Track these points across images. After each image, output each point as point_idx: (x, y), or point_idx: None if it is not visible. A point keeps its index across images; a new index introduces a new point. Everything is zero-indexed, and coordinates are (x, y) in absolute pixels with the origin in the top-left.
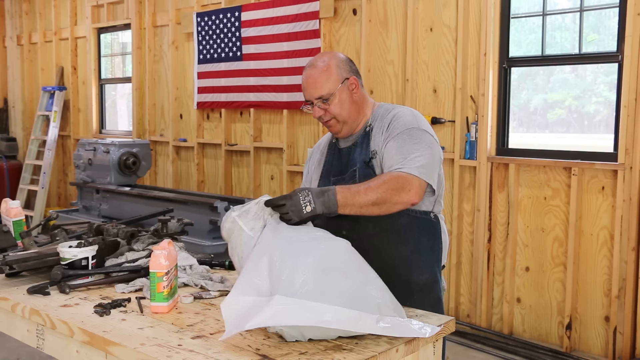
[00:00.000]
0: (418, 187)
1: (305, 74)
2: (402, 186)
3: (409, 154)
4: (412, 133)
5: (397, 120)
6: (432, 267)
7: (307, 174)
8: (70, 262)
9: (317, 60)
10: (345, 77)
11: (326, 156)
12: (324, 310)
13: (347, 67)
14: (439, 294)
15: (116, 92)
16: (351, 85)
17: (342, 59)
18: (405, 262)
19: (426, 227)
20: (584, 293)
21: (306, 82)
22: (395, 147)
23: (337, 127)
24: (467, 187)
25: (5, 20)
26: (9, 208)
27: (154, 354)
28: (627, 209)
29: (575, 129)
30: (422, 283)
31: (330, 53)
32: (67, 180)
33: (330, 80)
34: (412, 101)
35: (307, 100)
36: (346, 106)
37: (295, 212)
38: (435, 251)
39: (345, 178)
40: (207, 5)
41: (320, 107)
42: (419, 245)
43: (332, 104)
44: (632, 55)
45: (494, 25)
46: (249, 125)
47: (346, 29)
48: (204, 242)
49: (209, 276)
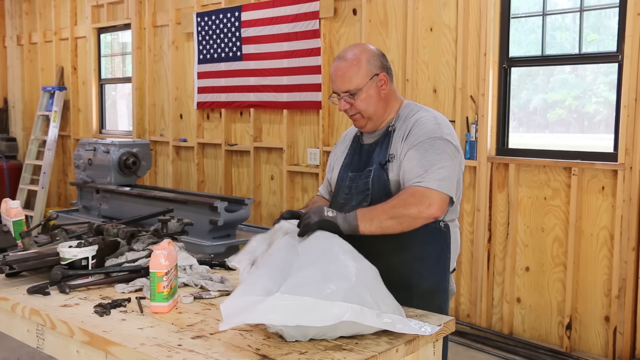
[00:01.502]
0: (440, 202)
1: (335, 66)
2: (421, 201)
3: (430, 166)
4: (434, 143)
5: (419, 127)
6: (437, 276)
7: (330, 163)
8: (70, 262)
9: (348, 53)
10: (375, 73)
11: (349, 149)
12: (327, 305)
13: (378, 62)
14: (443, 303)
15: (116, 92)
16: (380, 82)
17: (373, 54)
18: (406, 269)
19: (433, 236)
20: (584, 293)
21: (335, 74)
22: (416, 158)
23: (362, 122)
24: (467, 187)
25: (5, 20)
26: (9, 208)
27: (154, 354)
28: (627, 209)
29: (575, 129)
30: (423, 291)
31: (362, 46)
32: (67, 180)
33: (359, 75)
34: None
35: (334, 91)
36: (373, 102)
37: (316, 214)
38: (442, 260)
39: (362, 176)
40: (207, 5)
41: (346, 101)
42: (423, 253)
43: (359, 100)
44: (632, 55)
45: (494, 25)
46: (249, 125)
47: (346, 29)
48: (204, 242)
49: (209, 276)
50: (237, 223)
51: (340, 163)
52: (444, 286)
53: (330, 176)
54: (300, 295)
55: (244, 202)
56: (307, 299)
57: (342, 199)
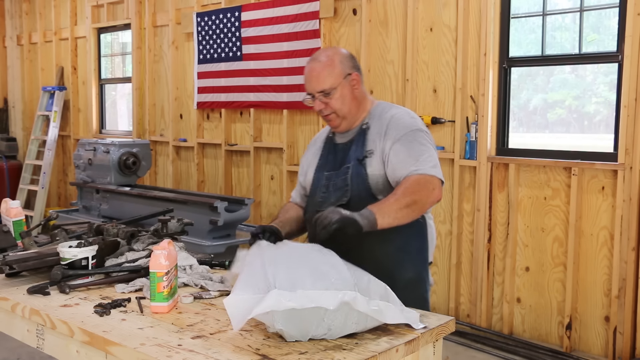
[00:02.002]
0: (439, 185)
1: (309, 67)
2: (425, 186)
3: (419, 156)
4: (416, 135)
5: (397, 121)
6: (418, 267)
7: (302, 167)
8: (70, 262)
9: (321, 55)
10: (348, 73)
11: (322, 150)
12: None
13: (350, 62)
14: (424, 293)
15: (116, 92)
16: (353, 81)
17: (345, 55)
18: (389, 260)
19: (414, 228)
20: (584, 293)
21: (309, 75)
22: (404, 150)
23: (337, 121)
24: (467, 187)
25: (5, 20)
26: (9, 208)
27: (154, 354)
28: (627, 209)
29: (575, 129)
30: (406, 281)
31: (334, 48)
32: (67, 180)
33: (333, 75)
34: (412, 101)
35: (308, 92)
36: (347, 101)
37: (334, 212)
38: (423, 251)
39: (339, 174)
40: (207, 5)
41: (321, 101)
42: (405, 245)
43: (334, 99)
44: (632, 55)
45: (494, 25)
46: (249, 125)
47: (346, 29)
48: (204, 242)
49: (209, 276)
50: (237, 223)
51: (314, 165)
52: (424, 276)
53: (304, 179)
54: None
55: (244, 202)
56: (307, 291)
57: (320, 197)
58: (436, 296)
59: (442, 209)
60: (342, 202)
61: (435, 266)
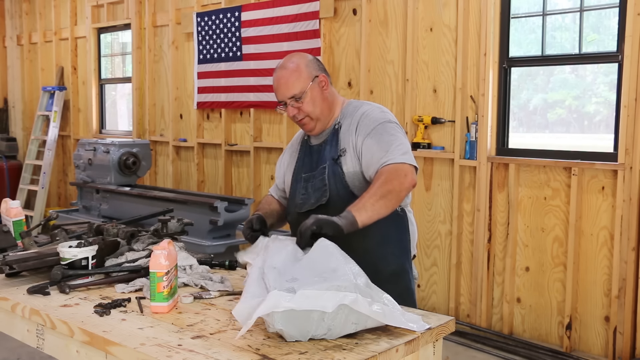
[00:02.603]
0: (411, 171)
1: (276, 76)
2: (397, 174)
3: (389, 146)
4: (386, 126)
5: (367, 117)
6: (400, 259)
7: (279, 170)
8: (70, 262)
9: (287, 62)
10: (315, 75)
11: (298, 153)
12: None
13: (315, 65)
14: (408, 284)
15: (116, 92)
16: (321, 83)
17: (310, 59)
18: (371, 254)
19: (393, 221)
20: (584, 293)
21: (277, 83)
22: (374, 143)
23: (311, 124)
24: (467, 187)
25: (5, 20)
26: (9, 208)
27: (154, 354)
28: (627, 209)
29: (575, 129)
30: (390, 274)
31: (298, 54)
32: (67, 180)
33: (301, 79)
34: (412, 101)
35: (280, 101)
36: (318, 103)
37: (311, 218)
38: (403, 243)
39: (316, 175)
40: (207, 5)
41: (293, 107)
42: (385, 238)
43: (305, 102)
44: (632, 55)
45: (494, 25)
46: (249, 125)
47: (346, 29)
48: (204, 242)
49: (209, 276)
50: (237, 223)
51: (291, 168)
52: (407, 267)
53: (281, 182)
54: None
55: (244, 202)
56: (306, 291)
57: (300, 199)
58: (436, 296)
59: (442, 209)
60: (322, 202)
61: (435, 266)
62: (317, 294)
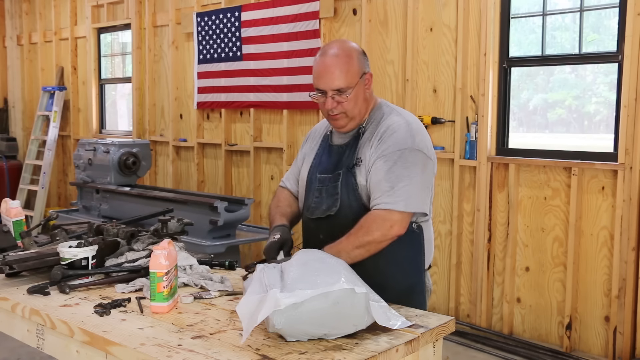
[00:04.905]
0: (401, 221)
1: (322, 61)
2: (382, 225)
3: (397, 182)
4: (403, 155)
5: (390, 136)
6: (411, 278)
7: (299, 158)
8: (70, 262)
9: (337, 49)
10: (364, 72)
11: (318, 148)
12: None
13: (365, 60)
14: (417, 304)
15: (116, 92)
16: (367, 81)
17: (360, 51)
18: (381, 274)
19: (406, 238)
20: (584, 293)
21: (323, 70)
22: (384, 170)
23: (344, 121)
24: (467, 187)
25: (5, 20)
26: (9, 208)
27: (154, 354)
28: (627, 209)
29: (575, 129)
30: (398, 293)
31: (348, 43)
32: (67, 180)
33: (350, 73)
34: (412, 101)
35: (319, 89)
36: (359, 102)
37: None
38: (416, 261)
39: (331, 179)
40: (207, 5)
41: (334, 99)
42: (396, 257)
43: (348, 99)
44: (632, 55)
45: (494, 25)
46: (249, 125)
47: (346, 29)
48: (204, 242)
49: (209, 276)
50: (237, 223)
51: (309, 162)
52: (420, 287)
53: (301, 165)
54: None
55: (244, 202)
56: (304, 290)
57: (313, 203)
58: (436, 296)
59: (442, 209)
60: (332, 212)
61: (435, 266)
62: (312, 281)
